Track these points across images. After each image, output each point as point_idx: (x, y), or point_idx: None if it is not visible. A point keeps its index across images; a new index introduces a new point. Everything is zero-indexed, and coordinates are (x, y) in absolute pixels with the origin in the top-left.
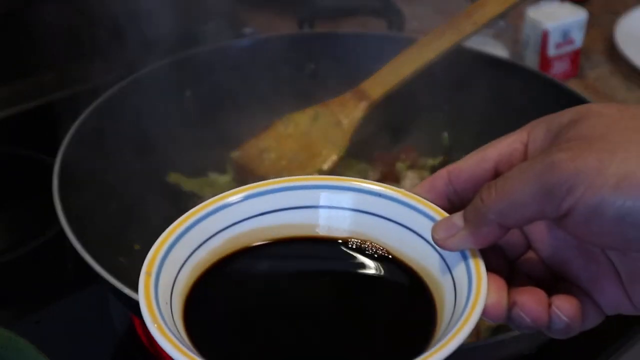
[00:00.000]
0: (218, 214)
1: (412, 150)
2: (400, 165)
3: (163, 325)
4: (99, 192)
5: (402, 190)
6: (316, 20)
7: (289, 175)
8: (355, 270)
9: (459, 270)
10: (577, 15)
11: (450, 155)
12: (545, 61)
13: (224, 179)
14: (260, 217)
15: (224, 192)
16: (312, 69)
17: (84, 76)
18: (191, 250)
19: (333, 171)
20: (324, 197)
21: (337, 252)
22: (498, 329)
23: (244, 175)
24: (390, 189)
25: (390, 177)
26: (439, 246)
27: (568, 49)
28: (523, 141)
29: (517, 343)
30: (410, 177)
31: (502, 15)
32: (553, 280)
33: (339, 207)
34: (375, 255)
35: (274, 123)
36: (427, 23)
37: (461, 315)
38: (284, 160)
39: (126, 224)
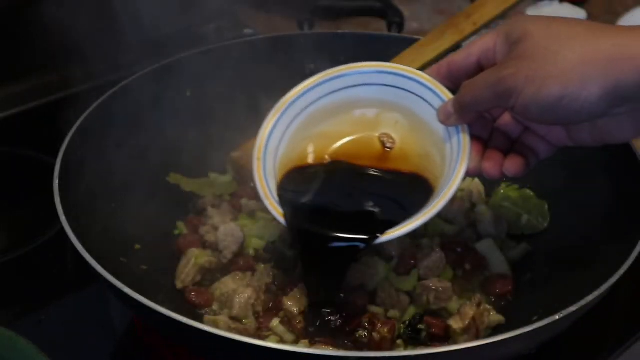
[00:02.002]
0: (299, 100)
1: None
2: None
3: (274, 202)
4: (99, 192)
5: (418, 72)
6: (316, 20)
7: None
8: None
9: (454, 140)
10: (577, 16)
11: None
12: None
13: (224, 179)
14: (331, 95)
15: (224, 192)
16: (312, 69)
17: (84, 76)
18: (283, 133)
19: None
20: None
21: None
22: (498, 329)
23: (244, 175)
24: (411, 71)
25: None
26: (441, 123)
27: None
28: (494, 41)
29: (517, 343)
30: None
31: (501, 16)
32: (522, 130)
33: (378, 84)
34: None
35: None
36: (427, 23)
37: (452, 174)
38: None
39: (126, 224)
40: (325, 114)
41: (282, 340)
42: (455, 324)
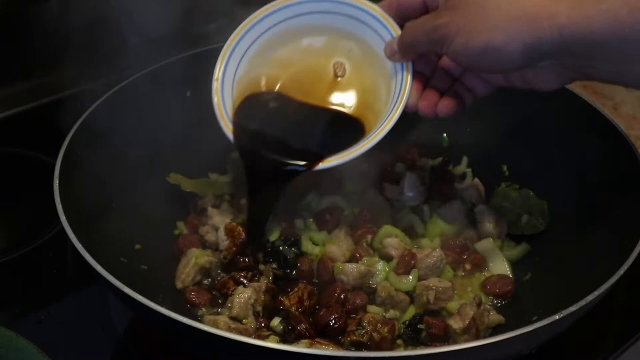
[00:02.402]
0: (256, 27)
1: (412, 150)
2: (400, 165)
3: (227, 121)
4: (99, 192)
5: (372, 4)
6: None
7: None
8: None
9: (399, 76)
10: None
11: (450, 155)
12: None
13: (224, 179)
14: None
15: (224, 192)
16: None
17: (84, 76)
18: (240, 57)
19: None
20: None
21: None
22: (498, 329)
23: (244, 176)
24: (365, 3)
25: (390, 177)
26: (387, 58)
27: None
28: None
29: (517, 343)
30: (410, 177)
31: None
32: (462, 70)
33: (333, 13)
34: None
35: None
36: None
37: (392, 108)
38: None
39: (126, 224)
40: (281, 41)
41: (282, 340)
42: (455, 324)
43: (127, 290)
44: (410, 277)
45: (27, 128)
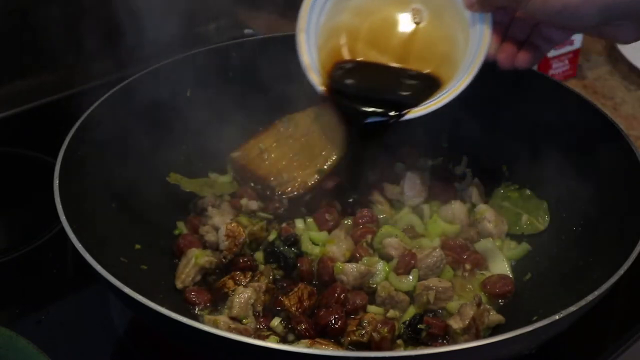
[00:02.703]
0: None
1: (412, 150)
2: (400, 165)
3: (315, 75)
4: (99, 192)
5: None
6: None
7: (289, 176)
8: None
9: (477, 26)
10: None
11: (450, 156)
12: (544, 61)
13: (224, 179)
14: None
15: (224, 192)
16: None
17: (84, 76)
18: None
19: (333, 171)
20: None
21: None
22: (498, 329)
23: (244, 175)
24: None
25: (390, 177)
26: (466, 8)
27: (567, 49)
28: None
29: (517, 343)
30: (410, 177)
31: None
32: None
33: None
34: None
35: (274, 123)
36: None
37: (472, 60)
38: (284, 160)
39: (126, 224)
40: None
41: (282, 340)
42: (455, 324)
43: (127, 290)
44: (410, 277)
45: (27, 128)
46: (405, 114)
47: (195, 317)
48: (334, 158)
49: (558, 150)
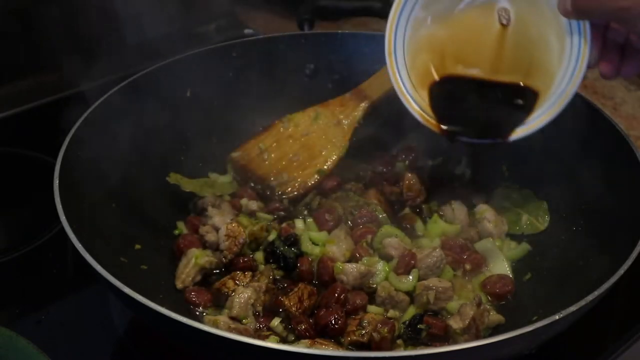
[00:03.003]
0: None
1: (412, 150)
2: (400, 165)
3: (410, 99)
4: (99, 192)
5: None
6: (316, 20)
7: (289, 176)
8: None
9: (575, 35)
10: None
11: (450, 156)
12: None
13: (224, 179)
14: None
15: (224, 192)
16: (312, 69)
17: (84, 76)
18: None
19: (333, 171)
20: None
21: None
22: (498, 329)
23: (244, 175)
24: None
25: (390, 177)
26: (562, 15)
27: None
28: None
29: (517, 343)
30: (410, 177)
31: None
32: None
33: None
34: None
35: (274, 123)
36: None
37: (574, 69)
38: (284, 160)
39: (126, 224)
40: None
41: (282, 340)
42: (455, 324)
43: (127, 290)
44: (410, 277)
45: (27, 128)
46: (512, 134)
47: (195, 317)
48: (334, 158)
49: (558, 150)
